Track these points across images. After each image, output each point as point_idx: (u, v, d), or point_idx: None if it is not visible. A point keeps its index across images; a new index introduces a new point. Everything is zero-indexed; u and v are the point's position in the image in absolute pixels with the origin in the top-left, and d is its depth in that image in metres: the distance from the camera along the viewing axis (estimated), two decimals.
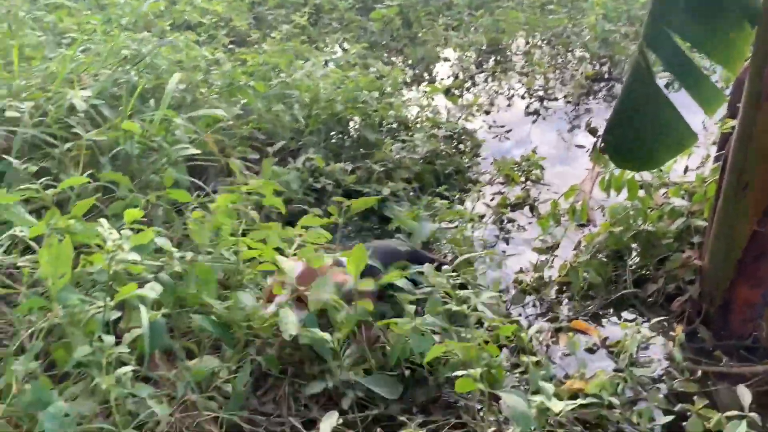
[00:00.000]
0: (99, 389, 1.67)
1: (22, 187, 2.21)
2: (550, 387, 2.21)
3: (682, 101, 2.62)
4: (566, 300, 3.30)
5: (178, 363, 2.17)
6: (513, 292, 3.35)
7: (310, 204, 3.78)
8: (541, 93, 6.28)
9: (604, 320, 3.15)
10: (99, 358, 1.64)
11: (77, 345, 1.66)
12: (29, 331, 1.96)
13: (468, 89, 6.36)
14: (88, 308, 1.76)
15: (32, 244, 1.97)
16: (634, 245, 3.40)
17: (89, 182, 2.39)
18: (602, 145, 2.24)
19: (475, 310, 2.39)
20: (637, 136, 2.01)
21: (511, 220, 4.10)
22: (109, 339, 1.68)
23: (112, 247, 1.77)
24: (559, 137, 5.49)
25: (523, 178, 4.59)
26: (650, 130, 1.98)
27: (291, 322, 2.15)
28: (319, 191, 3.95)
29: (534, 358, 2.52)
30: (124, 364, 1.78)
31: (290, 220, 3.07)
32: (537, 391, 2.20)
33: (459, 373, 1.90)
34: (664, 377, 2.75)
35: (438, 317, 2.23)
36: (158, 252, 2.39)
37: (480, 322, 2.61)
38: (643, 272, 3.34)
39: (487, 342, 2.28)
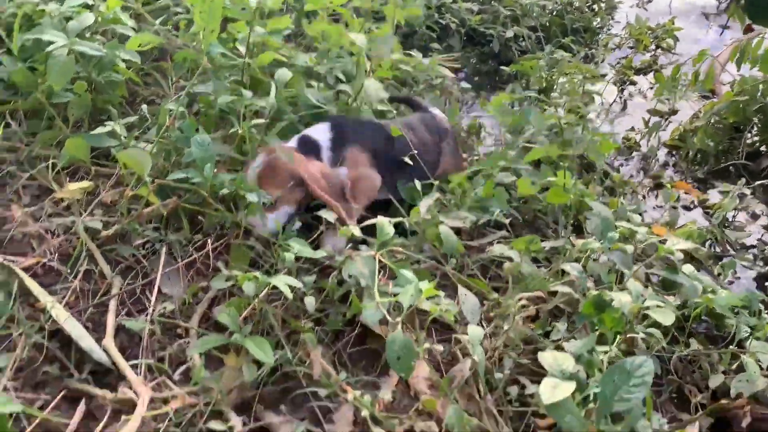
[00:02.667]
0: (235, 136, 1.94)
1: None
2: (637, 217, 2.30)
3: None
4: (673, 163, 3.29)
5: None
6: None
7: (432, 39, 3.86)
8: None
9: (708, 187, 3.14)
10: (238, 106, 1.88)
11: (220, 93, 1.91)
12: (177, 96, 2.26)
13: None
14: (231, 63, 1.99)
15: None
16: (755, 118, 3.28)
17: None
18: None
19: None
20: None
21: (632, 83, 4.01)
22: (247, 93, 1.91)
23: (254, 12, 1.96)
24: (702, 15, 5.15)
25: (653, 45, 4.41)
26: None
27: None
28: (443, 28, 3.99)
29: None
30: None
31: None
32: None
33: (551, 179, 2.02)
34: (757, 243, 2.76)
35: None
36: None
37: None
38: (759, 147, 3.24)
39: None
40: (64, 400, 1.53)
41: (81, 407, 1.50)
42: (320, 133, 2.15)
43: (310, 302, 1.68)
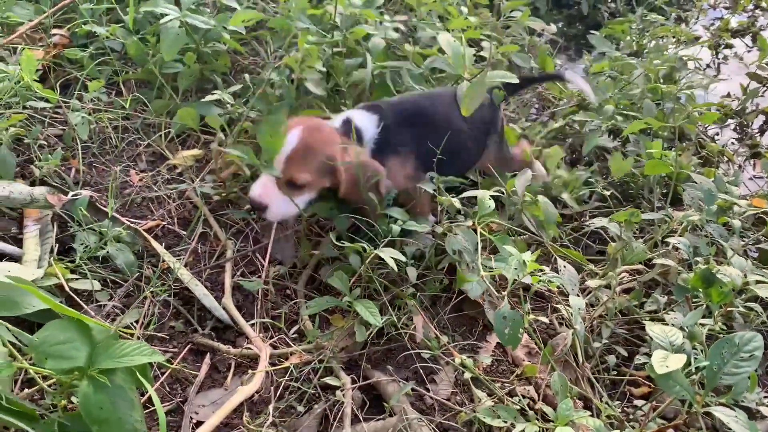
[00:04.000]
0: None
1: None
2: (734, 189, 2.25)
3: None
4: None
5: None
6: None
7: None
8: None
9: None
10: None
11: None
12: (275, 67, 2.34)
13: None
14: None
15: None
16: None
17: None
18: None
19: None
20: None
21: (728, 46, 3.85)
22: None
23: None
24: None
25: (752, 5, 4.20)
26: None
27: None
28: None
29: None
30: None
31: None
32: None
33: (652, 150, 2.00)
34: None
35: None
36: None
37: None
38: None
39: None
40: (189, 353, 1.67)
41: (207, 360, 1.63)
42: (366, 123, 1.94)
43: (413, 273, 1.74)
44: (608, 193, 2.11)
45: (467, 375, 1.61)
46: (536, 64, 3.12)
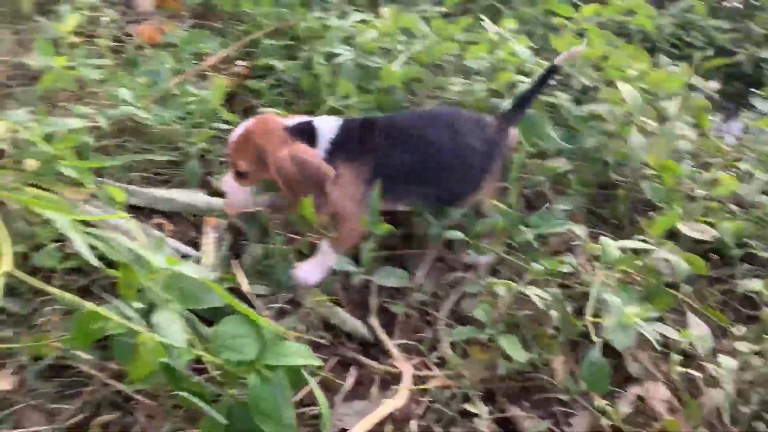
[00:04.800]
0: None
1: None
2: None
3: None
4: None
5: None
6: None
7: (674, 56, 3.73)
8: None
9: None
10: None
11: None
12: None
13: None
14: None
15: None
16: None
17: None
18: None
19: None
20: None
21: None
22: None
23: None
24: None
25: None
26: None
27: None
28: (687, 45, 3.84)
29: None
30: None
31: None
32: None
33: None
34: None
35: None
36: None
37: None
38: None
39: None
40: (337, 365, 1.79)
41: (353, 372, 1.74)
42: (325, 124, 1.85)
43: (555, 316, 1.77)
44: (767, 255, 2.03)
45: (604, 421, 1.61)
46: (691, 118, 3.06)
